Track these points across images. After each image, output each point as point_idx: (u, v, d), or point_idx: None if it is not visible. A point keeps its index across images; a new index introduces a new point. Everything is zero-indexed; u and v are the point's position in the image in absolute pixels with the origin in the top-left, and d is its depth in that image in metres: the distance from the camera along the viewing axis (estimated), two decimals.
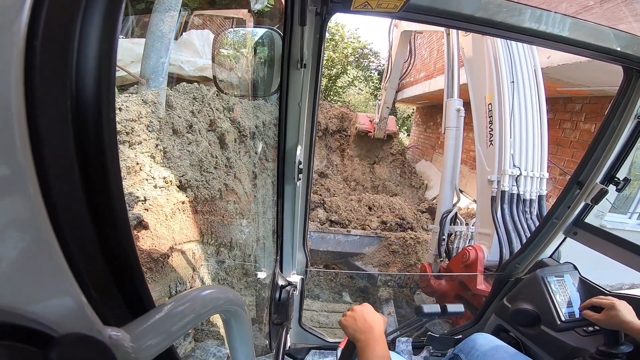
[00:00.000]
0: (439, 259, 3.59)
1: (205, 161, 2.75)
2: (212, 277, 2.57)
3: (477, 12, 1.05)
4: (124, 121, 2.14)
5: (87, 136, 0.28)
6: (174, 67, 3.41)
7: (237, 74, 3.03)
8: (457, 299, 3.08)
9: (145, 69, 2.75)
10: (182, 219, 2.37)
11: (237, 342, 0.64)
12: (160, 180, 2.26)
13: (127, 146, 2.15)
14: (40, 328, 0.23)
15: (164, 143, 2.40)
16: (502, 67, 2.89)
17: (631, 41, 1.11)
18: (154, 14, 2.86)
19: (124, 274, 0.35)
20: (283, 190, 1.34)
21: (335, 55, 13.39)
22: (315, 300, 4.44)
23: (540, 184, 2.90)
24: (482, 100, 3.11)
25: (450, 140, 3.62)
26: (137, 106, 2.30)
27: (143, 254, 1.98)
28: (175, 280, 2.17)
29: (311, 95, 1.18)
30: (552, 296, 1.52)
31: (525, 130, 2.88)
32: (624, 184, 1.41)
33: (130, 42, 3.99)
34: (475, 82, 3.26)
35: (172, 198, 2.30)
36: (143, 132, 2.26)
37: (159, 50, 2.78)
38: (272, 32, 1.10)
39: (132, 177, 2.13)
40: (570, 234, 1.62)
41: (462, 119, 3.58)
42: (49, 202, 0.23)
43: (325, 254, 4.88)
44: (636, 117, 1.33)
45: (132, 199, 2.04)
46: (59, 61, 0.25)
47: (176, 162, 2.47)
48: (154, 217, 2.12)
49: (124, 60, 3.33)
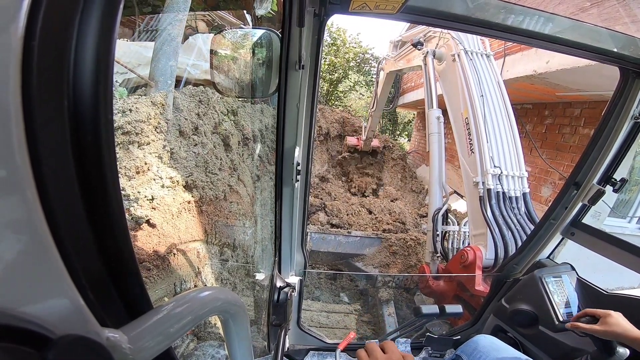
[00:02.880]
0: (436, 256, 3.66)
1: (210, 162, 2.82)
2: (216, 277, 2.61)
3: (475, 13, 1.05)
4: (134, 122, 2.22)
5: (84, 137, 0.27)
6: (180, 70, 3.51)
7: (235, 75, 3.05)
8: (456, 299, 3.09)
9: (154, 71, 2.88)
10: (188, 218, 2.43)
11: (235, 343, 0.64)
12: (167, 180, 2.34)
13: (136, 146, 2.23)
14: (37, 329, 0.22)
15: (171, 144, 2.49)
16: (472, 85, 3.40)
17: (628, 42, 1.11)
18: (162, 18, 2.96)
19: (121, 275, 0.35)
20: (281, 192, 1.34)
21: (336, 59, 13.41)
22: (315, 301, 4.46)
23: (522, 182, 3.22)
24: (459, 116, 3.56)
25: (434, 145, 4.02)
26: (147, 108, 2.37)
27: (150, 251, 2.02)
28: (181, 277, 2.21)
29: (309, 96, 1.18)
30: (550, 296, 1.52)
31: (499, 136, 3.31)
32: (621, 185, 1.42)
33: (138, 45, 4.09)
34: (452, 100, 3.75)
35: (178, 197, 2.38)
36: (152, 133, 2.34)
37: (168, 54, 2.89)
38: (271, 33, 1.10)
39: (141, 176, 2.20)
40: (568, 234, 1.62)
41: (442, 124, 4.03)
42: (45, 203, 0.23)
43: (326, 254, 4.91)
44: (633, 118, 1.33)
45: (141, 197, 2.10)
46: (56, 62, 0.25)
47: (182, 162, 2.56)
48: (161, 216, 2.18)
49: (132, 62, 3.44)
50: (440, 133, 4.00)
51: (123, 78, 3.40)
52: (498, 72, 3.65)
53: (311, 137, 1.29)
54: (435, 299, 3.57)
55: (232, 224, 2.99)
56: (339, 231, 5.01)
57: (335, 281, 4.91)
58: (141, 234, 2.05)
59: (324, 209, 5.91)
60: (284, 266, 1.56)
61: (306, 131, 1.26)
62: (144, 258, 1.99)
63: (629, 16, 0.92)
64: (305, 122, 1.23)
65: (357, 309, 4.40)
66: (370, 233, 5.05)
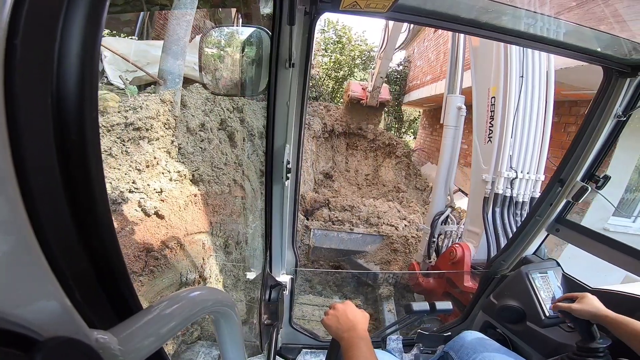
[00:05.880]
0: (428, 260, 3.60)
1: (216, 158, 2.99)
2: (220, 269, 2.70)
3: (463, 13, 1.06)
4: (144, 118, 2.36)
5: (69, 135, 0.27)
6: (187, 69, 3.63)
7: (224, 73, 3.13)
8: (446, 296, 3.11)
9: (163, 70, 3.02)
10: (194, 211, 2.55)
11: (227, 343, 0.64)
12: (175, 174, 2.47)
13: (146, 141, 2.36)
14: (24, 331, 0.22)
15: (178, 139, 2.65)
16: (513, 59, 2.62)
17: (611, 42, 1.14)
18: (171, 17, 3.10)
19: (109, 276, 0.35)
20: (271, 190, 1.34)
21: (342, 57, 13.33)
22: (317, 296, 4.54)
23: (535, 186, 2.83)
24: (485, 92, 2.87)
25: (448, 140, 3.43)
26: (156, 105, 2.50)
27: (158, 241, 2.12)
28: (187, 268, 2.30)
29: (299, 94, 1.18)
30: (537, 292, 1.55)
31: (527, 131, 2.71)
32: (604, 182, 1.45)
33: (146, 44, 4.20)
34: (480, 71, 2.97)
35: (185, 191, 2.50)
36: (160, 129, 2.47)
37: (176, 53, 3.03)
38: (261, 31, 1.09)
39: (151, 170, 2.33)
40: (553, 230, 1.66)
41: (462, 118, 3.37)
42: (28, 202, 0.23)
43: (328, 251, 4.96)
44: (615, 116, 1.37)
45: (150, 190, 2.21)
46: (40, 60, 0.24)
47: (189, 157, 2.71)
48: (169, 208, 2.30)
49: (141, 61, 3.55)
50: (459, 127, 3.37)
51: (133, 76, 3.48)
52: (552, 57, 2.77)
53: (301, 136, 1.29)
54: (426, 296, 3.60)
55: (237, 218, 3.14)
56: (341, 228, 5.07)
57: (333, 275, 4.95)
58: (150, 224, 2.14)
59: (327, 206, 5.96)
60: (274, 265, 1.56)
61: (296, 129, 1.26)
62: (152, 247, 2.07)
63: (613, 16, 0.94)
64: (296, 120, 1.22)
65: (358, 305, 4.44)
66: (372, 230, 5.10)
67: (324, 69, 12.34)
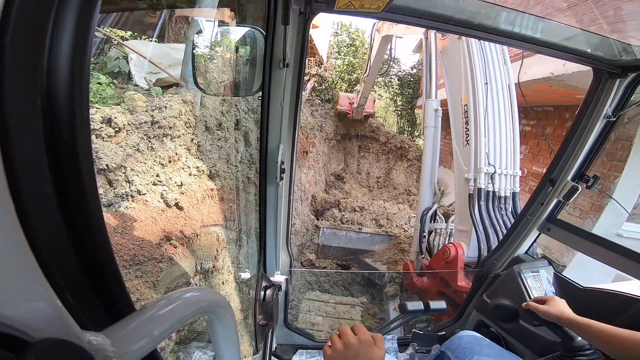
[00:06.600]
0: (421, 256, 3.69)
1: (231, 155, 3.21)
2: (232, 260, 2.87)
3: (456, 14, 1.07)
4: (168, 117, 2.59)
5: (59, 135, 0.27)
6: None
7: (216, 73, 3.21)
8: (439, 295, 3.13)
9: (185, 72, 3.22)
10: (211, 204, 2.74)
11: (222, 344, 0.63)
12: (194, 169, 2.68)
13: (169, 139, 2.59)
14: (14, 333, 0.22)
15: (198, 137, 2.86)
16: (477, 69, 3.04)
17: (601, 43, 1.15)
18: (192, 22, 3.35)
19: (101, 278, 0.34)
20: (265, 191, 1.33)
21: (355, 60, 13.27)
22: (324, 293, 4.58)
23: (514, 181, 3.07)
24: (458, 102, 3.25)
25: (429, 140, 3.77)
26: (178, 105, 2.71)
27: (177, 231, 2.28)
28: (201, 257, 2.44)
29: (293, 94, 1.18)
30: (529, 291, 1.57)
31: (498, 130, 3.04)
32: (594, 182, 1.47)
33: (169, 47, 4.36)
34: (452, 83, 3.38)
35: (203, 185, 2.71)
36: (182, 128, 2.70)
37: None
38: (255, 31, 1.09)
39: (172, 165, 2.56)
40: (544, 230, 1.68)
41: (439, 118, 3.76)
42: (18, 203, 0.23)
43: (337, 250, 5.01)
44: (605, 117, 1.39)
45: (172, 183, 2.43)
46: (29, 59, 0.24)
47: (207, 154, 2.93)
48: (188, 200, 2.49)
49: (163, 63, 3.72)
50: (437, 127, 3.77)
51: (156, 78, 3.61)
52: (509, 62, 3.23)
53: (295, 136, 1.29)
54: (420, 296, 3.62)
55: (249, 213, 3.33)
56: (350, 227, 5.08)
57: (333, 275, 4.96)
58: (171, 215, 2.32)
59: (337, 206, 5.99)
60: (269, 265, 1.56)
61: (290, 130, 1.25)
62: (172, 237, 2.22)
63: (604, 17, 0.95)
64: (290, 121, 1.22)
65: (364, 302, 4.44)
66: (380, 230, 5.11)
67: (337, 71, 12.31)
